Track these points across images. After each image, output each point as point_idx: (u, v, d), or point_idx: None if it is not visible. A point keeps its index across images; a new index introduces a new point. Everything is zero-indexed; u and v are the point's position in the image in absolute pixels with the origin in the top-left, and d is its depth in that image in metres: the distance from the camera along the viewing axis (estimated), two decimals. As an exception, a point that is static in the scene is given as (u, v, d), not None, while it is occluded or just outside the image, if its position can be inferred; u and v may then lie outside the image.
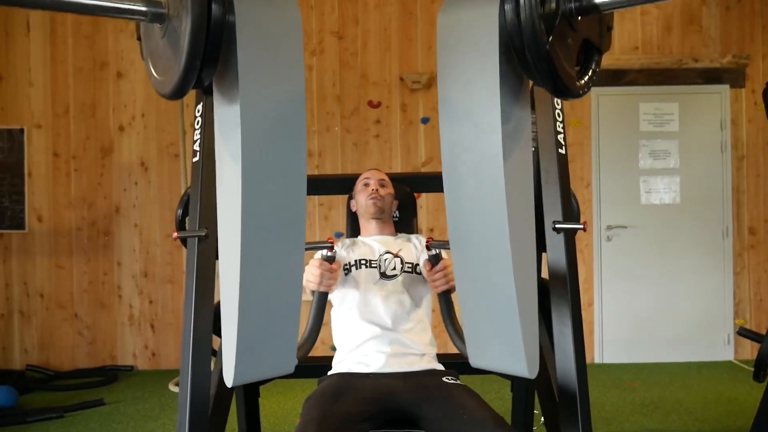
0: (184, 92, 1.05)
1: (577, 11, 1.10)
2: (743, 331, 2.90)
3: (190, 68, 1.00)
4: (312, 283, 1.88)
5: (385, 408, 1.79)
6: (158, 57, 1.13)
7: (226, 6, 1.00)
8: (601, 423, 3.60)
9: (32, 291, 5.01)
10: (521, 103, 1.18)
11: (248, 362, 1.14)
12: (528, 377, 1.22)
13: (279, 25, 1.05)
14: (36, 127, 5.01)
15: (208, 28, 0.98)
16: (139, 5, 1.05)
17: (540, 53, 1.06)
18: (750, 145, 5.08)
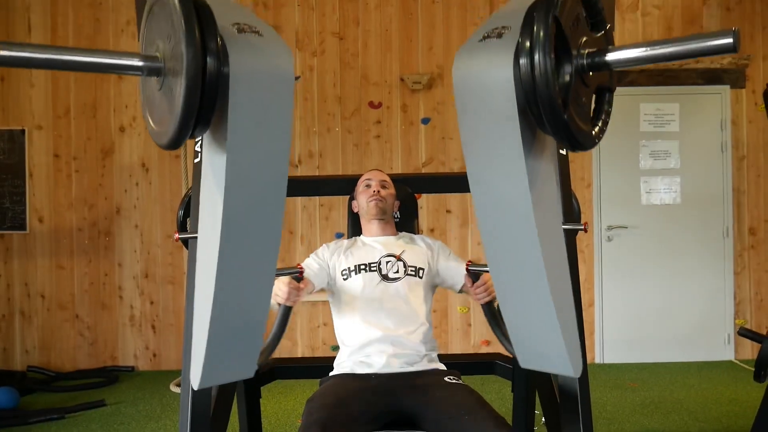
0: (179, 144, 1.07)
1: (590, 67, 1.11)
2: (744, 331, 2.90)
3: (185, 125, 1.02)
4: (279, 297, 1.89)
5: (387, 409, 1.79)
6: (154, 108, 1.15)
7: (221, 59, 1.01)
8: (602, 423, 3.60)
9: (33, 292, 5.02)
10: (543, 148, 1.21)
11: (215, 367, 1.20)
12: (573, 376, 1.29)
13: (272, 82, 1.06)
14: (37, 128, 5.02)
15: (203, 84, 1.00)
16: (135, 61, 1.06)
17: (558, 123, 1.07)
18: (750, 145, 5.08)
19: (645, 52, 1.06)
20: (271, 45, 1.07)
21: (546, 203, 1.21)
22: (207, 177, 1.18)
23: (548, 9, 1.04)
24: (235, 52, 1.02)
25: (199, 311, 1.22)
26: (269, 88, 1.06)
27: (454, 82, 1.15)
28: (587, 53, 1.10)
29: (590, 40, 1.14)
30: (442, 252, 2.26)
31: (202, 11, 1.01)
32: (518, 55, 1.06)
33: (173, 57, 1.02)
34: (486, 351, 4.94)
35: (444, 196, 5.01)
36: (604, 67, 1.10)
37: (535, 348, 1.31)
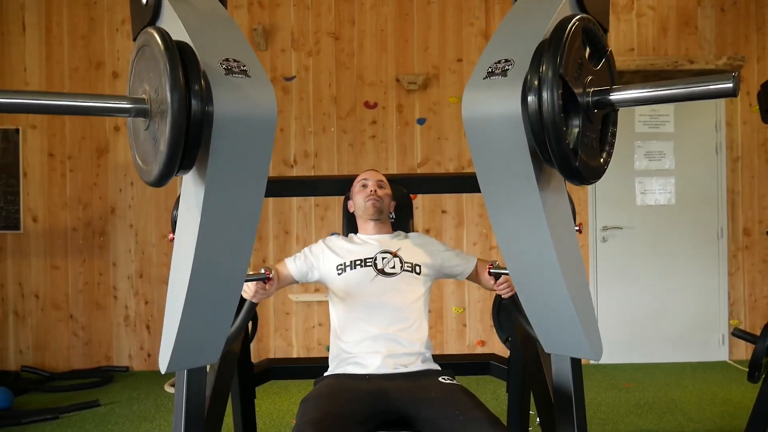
0: (165, 182, 1.11)
1: (594, 105, 1.14)
2: (738, 332, 2.91)
3: (169, 167, 1.06)
4: (246, 294, 1.93)
5: (382, 409, 1.79)
6: (141, 147, 1.20)
7: (205, 100, 1.04)
8: (597, 424, 3.61)
9: (27, 292, 5.00)
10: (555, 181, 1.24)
11: (183, 353, 1.31)
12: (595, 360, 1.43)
13: (254, 127, 1.10)
14: (31, 128, 5.00)
15: (188, 126, 1.03)
16: (123, 103, 1.12)
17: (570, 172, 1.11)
18: (745, 146, 5.10)
19: (647, 94, 1.09)
20: (256, 87, 1.11)
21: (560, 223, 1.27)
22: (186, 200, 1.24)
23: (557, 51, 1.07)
24: (219, 94, 1.06)
25: (172, 303, 1.29)
26: (251, 132, 1.10)
27: (464, 122, 1.17)
28: (593, 92, 1.13)
29: (594, 77, 1.17)
30: (440, 246, 2.30)
31: (186, 55, 1.05)
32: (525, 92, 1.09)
33: (159, 100, 1.06)
34: (481, 351, 4.94)
35: (439, 197, 5.01)
36: (608, 106, 1.14)
37: (557, 336, 1.41)
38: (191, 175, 1.17)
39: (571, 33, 1.09)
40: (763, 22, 5.11)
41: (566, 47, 1.07)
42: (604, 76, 1.22)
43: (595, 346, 1.40)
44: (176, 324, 1.24)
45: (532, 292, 1.36)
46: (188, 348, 1.30)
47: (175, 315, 1.25)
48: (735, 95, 0.99)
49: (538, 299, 1.36)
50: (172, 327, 1.26)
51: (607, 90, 1.13)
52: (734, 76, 0.98)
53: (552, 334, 1.42)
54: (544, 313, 1.38)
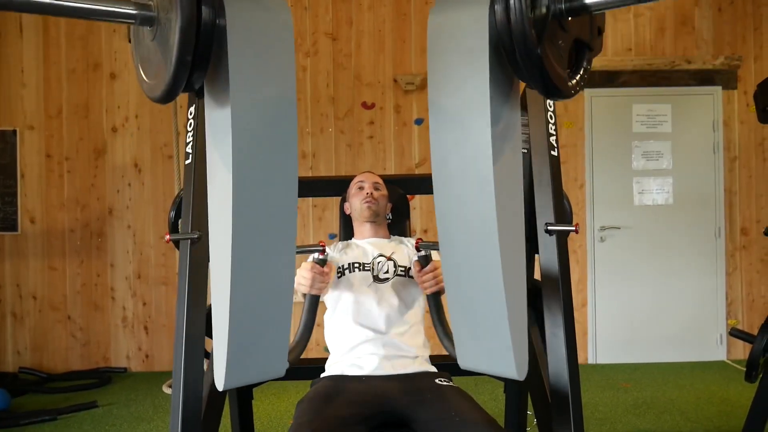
0: (174, 96, 1.04)
1: (568, 12, 1.10)
2: (735, 331, 2.92)
3: (180, 72, 0.99)
4: (303, 286, 1.88)
5: (378, 410, 1.79)
6: (148, 60, 1.12)
7: (216, 9, 0.99)
8: (595, 423, 3.61)
9: (25, 293, 5.00)
10: (511, 104, 1.18)
11: (239, 366, 1.14)
12: (517, 379, 1.21)
13: (270, 29, 1.04)
14: (29, 129, 5.00)
15: (198, 31, 0.98)
16: (128, 8, 1.04)
17: (531, 56, 1.05)
18: (742, 146, 5.11)
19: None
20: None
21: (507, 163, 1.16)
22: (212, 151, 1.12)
23: None
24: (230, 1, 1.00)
25: (218, 305, 1.16)
26: (268, 35, 1.04)
27: (428, 26, 1.13)
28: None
29: None
30: None
31: None
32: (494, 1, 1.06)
33: (166, 5, 1.00)
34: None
35: (437, 197, 5.00)
36: (582, 10, 1.09)
37: (478, 346, 1.24)
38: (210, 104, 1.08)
39: None
40: (760, 21, 5.11)
41: None
42: None
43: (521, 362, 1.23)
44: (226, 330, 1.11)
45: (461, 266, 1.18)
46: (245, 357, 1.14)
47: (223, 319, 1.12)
48: None
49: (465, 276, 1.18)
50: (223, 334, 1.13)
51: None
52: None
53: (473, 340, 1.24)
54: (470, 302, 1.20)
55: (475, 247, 1.15)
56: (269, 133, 1.06)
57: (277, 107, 1.06)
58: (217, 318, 1.18)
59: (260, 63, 1.03)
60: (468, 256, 1.17)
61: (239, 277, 1.08)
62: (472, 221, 1.14)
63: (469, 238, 1.16)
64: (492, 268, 1.13)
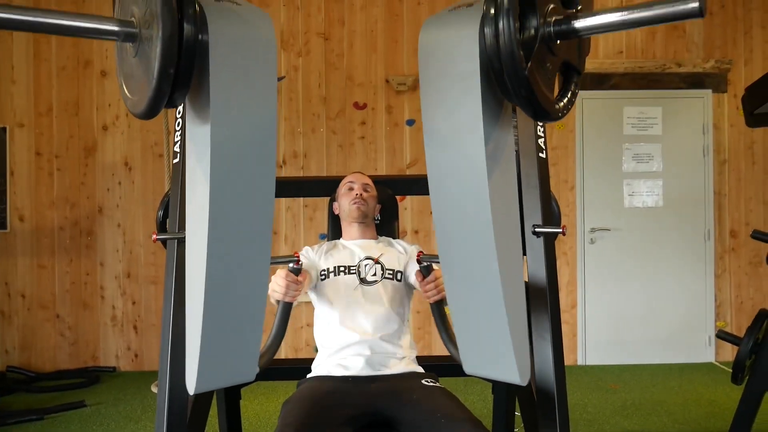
0: (156, 112, 1.04)
1: (557, 35, 1.10)
2: (722, 333, 2.94)
3: (161, 88, 0.99)
4: (277, 293, 1.86)
5: (364, 411, 1.79)
6: (131, 76, 1.12)
7: (198, 25, 0.99)
8: (583, 424, 3.62)
9: (13, 291, 4.97)
10: (503, 122, 1.19)
11: (210, 370, 1.15)
12: (519, 384, 1.23)
13: (253, 47, 1.05)
14: (18, 126, 4.97)
15: (180, 48, 0.98)
16: (110, 25, 1.04)
17: (519, 80, 1.06)
18: (732, 149, 5.14)
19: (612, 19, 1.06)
20: (250, 12, 1.06)
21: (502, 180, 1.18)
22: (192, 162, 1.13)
23: None
24: (213, 18, 1.00)
25: (191, 309, 1.17)
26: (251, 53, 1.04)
27: (419, 46, 1.14)
28: (554, 21, 1.10)
29: (559, 10, 1.13)
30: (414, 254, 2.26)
31: None
32: (483, 23, 1.06)
33: (148, 23, 1.00)
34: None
35: (428, 198, 4.99)
36: (571, 34, 1.10)
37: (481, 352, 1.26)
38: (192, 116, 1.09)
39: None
40: (750, 26, 5.15)
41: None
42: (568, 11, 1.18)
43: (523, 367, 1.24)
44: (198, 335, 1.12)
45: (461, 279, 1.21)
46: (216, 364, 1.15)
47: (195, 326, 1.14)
48: (702, 15, 0.97)
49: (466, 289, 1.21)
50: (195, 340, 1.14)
51: (569, 17, 1.10)
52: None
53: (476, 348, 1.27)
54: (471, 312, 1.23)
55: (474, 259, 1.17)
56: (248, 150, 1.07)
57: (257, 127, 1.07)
58: (190, 321, 1.18)
59: (242, 82, 1.04)
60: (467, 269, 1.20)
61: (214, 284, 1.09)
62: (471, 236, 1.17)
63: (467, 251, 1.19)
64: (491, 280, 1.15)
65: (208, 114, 1.03)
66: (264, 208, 1.10)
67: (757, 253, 5.11)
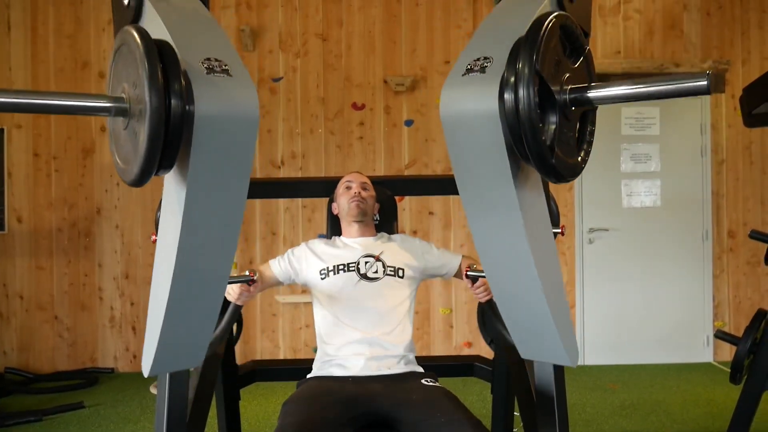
0: (144, 182, 1.10)
1: (572, 103, 1.14)
2: (720, 333, 2.94)
3: (148, 167, 1.05)
4: (230, 296, 1.95)
5: (364, 411, 1.79)
6: (120, 146, 1.18)
7: (185, 99, 1.03)
8: (582, 424, 3.63)
9: (12, 292, 4.96)
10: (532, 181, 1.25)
11: (165, 356, 1.28)
12: (570, 365, 1.39)
13: (236, 126, 1.09)
14: (16, 127, 4.96)
15: (167, 124, 1.02)
16: (103, 103, 1.10)
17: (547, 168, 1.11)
18: (729, 149, 5.15)
19: (624, 92, 1.10)
20: (238, 86, 1.10)
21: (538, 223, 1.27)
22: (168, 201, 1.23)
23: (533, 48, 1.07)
24: (200, 93, 1.05)
25: (154, 306, 1.29)
26: (233, 132, 1.09)
27: (441, 119, 1.17)
28: (570, 89, 1.14)
29: (572, 75, 1.17)
30: (424, 247, 2.29)
31: (166, 53, 1.04)
32: (502, 89, 1.09)
33: (138, 99, 1.04)
34: (468, 353, 4.95)
35: (427, 198, 5.02)
36: (586, 103, 1.15)
37: (534, 342, 1.40)
38: (173, 176, 1.16)
39: (547, 29, 1.09)
40: (747, 26, 5.16)
41: (543, 43, 1.07)
42: (582, 74, 1.22)
43: (572, 351, 1.39)
44: (159, 327, 1.23)
45: (508, 295, 1.35)
46: (171, 351, 1.28)
47: (157, 318, 1.24)
48: (709, 93, 1.01)
49: (514, 303, 1.36)
50: (155, 330, 1.25)
51: (584, 87, 1.14)
52: (708, 75, 0.99)
53: (528, 339, 1.41)
54: (520, 318, 1.37)
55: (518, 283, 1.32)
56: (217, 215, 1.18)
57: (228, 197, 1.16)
58: (152, 311, 1.29)
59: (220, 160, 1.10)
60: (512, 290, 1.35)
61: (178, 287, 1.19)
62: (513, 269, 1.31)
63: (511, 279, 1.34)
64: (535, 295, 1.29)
65: (184, 182, 1.10)
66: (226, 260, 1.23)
67: (755, 253, 5.12)
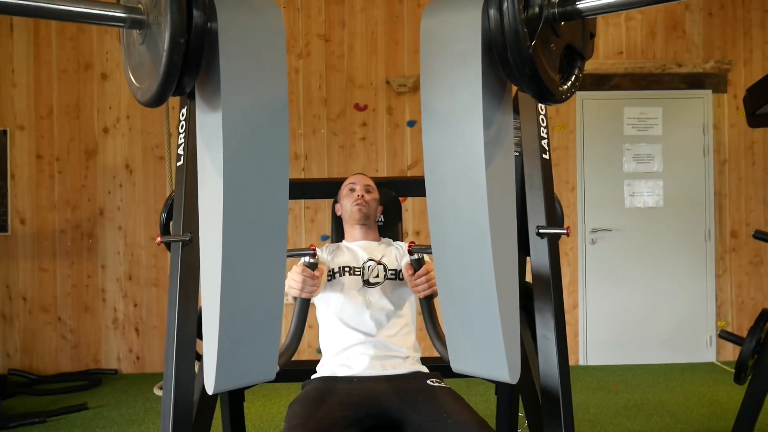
0: (164, 100, 1.03)
1: (560, 16, 1.11)
2: (725, 333, 2.94)
3: (170, 76, 0.98)
4: (294, 290, 1.88)
5: (369, 412, 1.79)
6: (138, 64, 1.11)
7: (207, 12, 0.98)
8: (585, 425, 3.62)
9: (15, 294, 4.96)
10: (504, 107, 1.18)
11: (229, 369, 1.14)
12: (509, 383, 1.22)
13: (262, 33, 1.04)
14: (19, 129, 4.97)
15: (189, 34, 0.97)
16: (117, 12, 1.03)
17: (523, 57, 1.05)
18: (732, 149, 5.14)
19: None
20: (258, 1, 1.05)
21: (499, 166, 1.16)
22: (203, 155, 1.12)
23: None
24: (222, 6, 1.00)
25: (207, 309, 1.16)
26: (260, 40, 1.03)
27: (421, 28, 1.13)
28: (558, 1, 1.10)
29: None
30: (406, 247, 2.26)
31: None
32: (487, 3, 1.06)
33: (156, 7, 0.99)
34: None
35: (429, 199, 5.01)
36: (575, 14, 1.10)
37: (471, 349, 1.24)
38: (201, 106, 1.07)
39: None
40: (749, 26, 5.15)
41: None
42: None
43: (514, 366, 1.24)
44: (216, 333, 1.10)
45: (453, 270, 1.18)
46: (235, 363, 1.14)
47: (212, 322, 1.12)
48: None
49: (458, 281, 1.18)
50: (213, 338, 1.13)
51: None
52: None
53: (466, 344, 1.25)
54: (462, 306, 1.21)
55: (468, 250, 1.15)
56: (260, 137, 1.05)
57: (269, 111, 1.05)
58: (207, 321, 1.17)
59: (252, 67, 1.02)
60: (461, 260, 1.17)
61: (229, 280, 1.07)
62: (465, 224, 1.14)
63: (461, 241, 1.16)
64: (484, 271, 1.12)
65: (218, 101, 1.01)
66: (279, 200, 1.08)
67: (757, 253, 5.11)
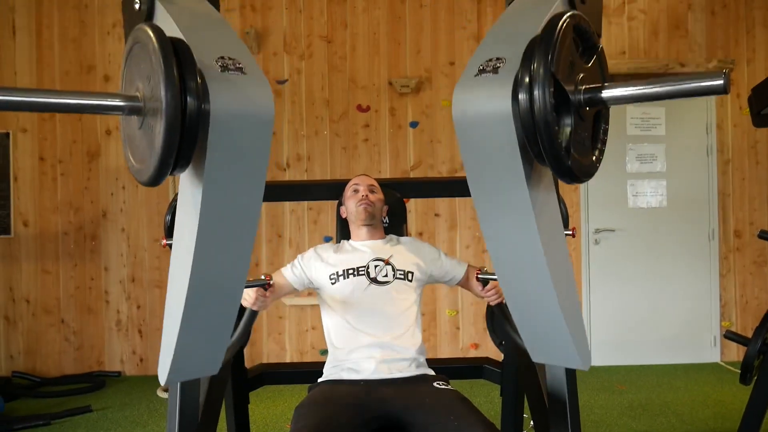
0: (160, 181, 1.08)
1: (586, 103, 1.13)
2: (730, 334, 2.93)
3: (164, 164, 1.03)
4: (246, 302, 1.93)
5: (376, 415, 1.79)
6: (135, 146, 1.17)
7: (201, 97, 1.02)
8: (590, 426, 3.62)
9: (18, 296, 4.97)
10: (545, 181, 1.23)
11: (183, 364, 1.26)
12: (583, 369, 1.35)
13: (251, 125, 1.08)
14: (22, 131, 4.97)
15: (183, 122, 1.01)
16: (116, 101, 1.09)
17: (562, 170, 1.09)
18: (735, 149, 5.13)
19: (638, 91, 1.09)
20: (253, 85, 1.09)
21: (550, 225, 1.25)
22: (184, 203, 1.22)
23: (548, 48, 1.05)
24: (216, 91, 1.04)
25: (170, 309, 1.26)
26: (248, 130, 1.08)
27: (454, 120, 1.16)
28: (584, 89, 1.12)
29: (586, 75, 1.16)
30: (433, 254, 2.28)
31: (181, 51, 1.02)
32: (516, 89, 1.07)
33: (153, 97, 1.03)
34: (474, 354, 4.94)
35: (432, 200, 5.01)
36: (599, 103, 1.13)
37: (545, 345, 1.38)
38: (188, 176, 1.15)
39: (562, 29, 1.08)
40: (752, 25, 5.14)
41: (557, 44, 1.06)
42: (595, 73, 1.21)
43: (584, 355, 1.37)
44: (175, 334, 1.21)
45: (520, 298, 1.33)
46: (188, 359, 1.27)
47: (173, 325, 1.23)
48: (726, 93, 0.99)
49: (526, 306, 1.33)
50: (171, 337, 1.24)
51: (598, 87, 1.13)
52: (725, 73, 0.98)
53: (540, 343, 1.39)
54: (532, 321, 1.35)
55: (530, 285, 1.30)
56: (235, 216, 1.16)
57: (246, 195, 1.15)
58: (168, 320, 1.26)
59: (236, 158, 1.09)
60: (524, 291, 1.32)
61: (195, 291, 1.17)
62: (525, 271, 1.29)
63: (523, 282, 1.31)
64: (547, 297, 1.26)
65: (200, 182, 1.09)
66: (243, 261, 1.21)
67: (761, 253, 5.10)
